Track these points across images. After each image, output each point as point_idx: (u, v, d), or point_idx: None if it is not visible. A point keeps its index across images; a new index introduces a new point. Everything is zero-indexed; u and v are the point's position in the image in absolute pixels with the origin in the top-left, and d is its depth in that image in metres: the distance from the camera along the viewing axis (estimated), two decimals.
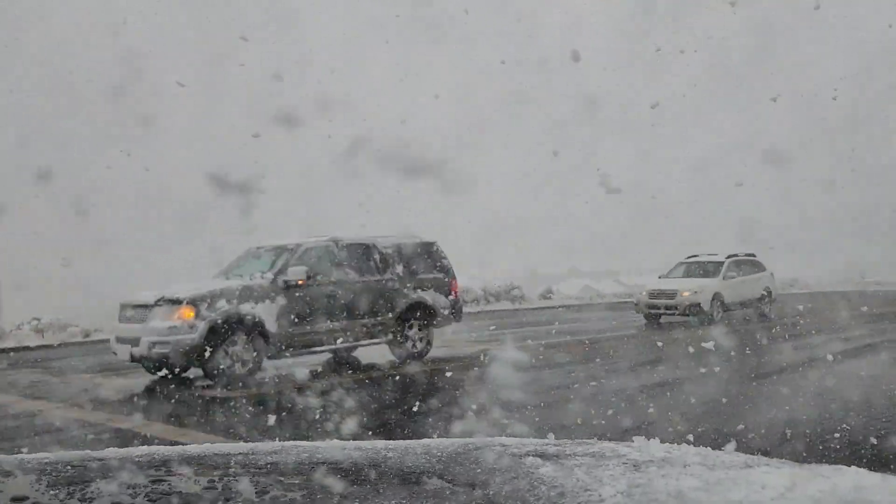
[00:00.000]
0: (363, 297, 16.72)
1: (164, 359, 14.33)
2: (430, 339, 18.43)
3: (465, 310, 25.52)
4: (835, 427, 10.21)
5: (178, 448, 2.34)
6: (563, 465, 1.94)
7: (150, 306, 14.62)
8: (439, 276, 18.69)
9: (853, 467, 1.88)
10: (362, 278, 17.07)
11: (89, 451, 2.26)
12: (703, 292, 27.71)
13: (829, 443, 9.34)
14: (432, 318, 18.38)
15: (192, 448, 2.35)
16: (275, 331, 15.19)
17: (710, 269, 29.35)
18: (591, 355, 18.62)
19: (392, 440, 2.36)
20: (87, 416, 11.94)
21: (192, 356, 14.55)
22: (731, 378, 14.79)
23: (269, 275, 15.52)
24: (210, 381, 15.15)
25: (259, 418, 11.19)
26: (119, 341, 15.71)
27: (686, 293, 27.70)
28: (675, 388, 13.99)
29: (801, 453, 8.60)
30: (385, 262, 17.53)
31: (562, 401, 12.54)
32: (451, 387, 14.84)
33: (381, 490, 1.82)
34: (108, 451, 2.24)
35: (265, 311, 15.08)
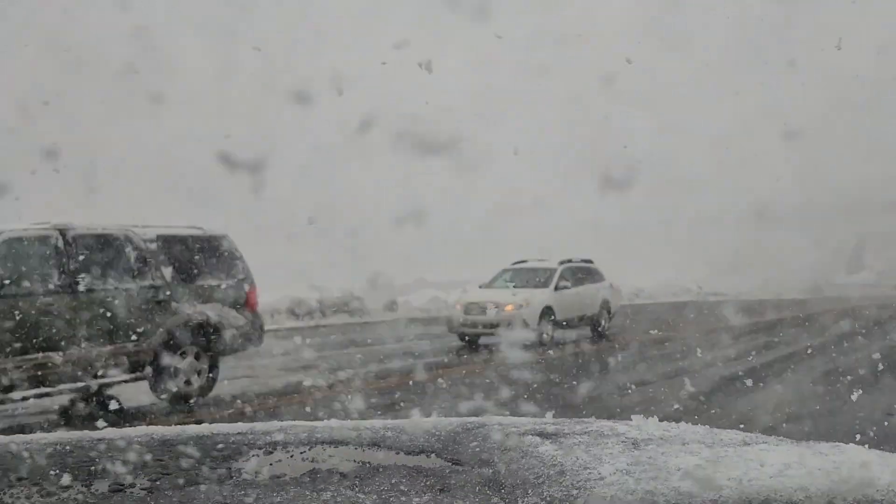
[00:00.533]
0: (104, 312, 11.76)
1: None
2: (213, 371, 13.29)
3: (296, 324, 20.77)
4: None
5: (176, 428, 2.34)
6: (563, 444, 1.94)
7: None
8: (230, 282, 13.51)
9: (851, 444, 1.88)
10: (105, 286, 11.84)
11: (88, 432, 2.26)
12: (530, 306, 21.88)
13: None
14: (217, 343, 13.25)
15: (191, 428, 2.35)
16: None
17: (540, 277, 23.60)
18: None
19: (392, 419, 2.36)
20: None
21: None
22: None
23: None
24: None
25: None
26: None
27: (509, 307, 21.66)
28: None
29: None
30: (144, 263, 12.36)
31: None
32: None
33: (382, 469, 1.82)
34: (108, 432, 2.24)
35: None
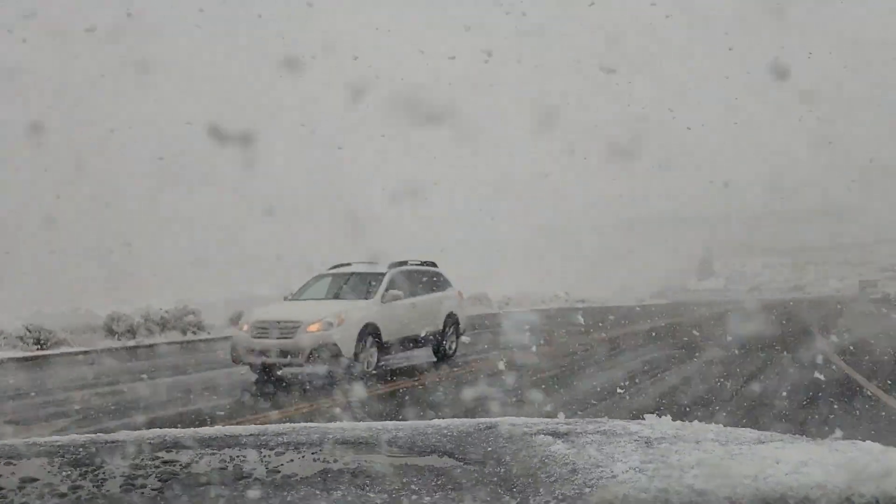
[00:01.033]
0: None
1: None
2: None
3: (112, 344, 17.85)
4: None
5: (189, 430, 2.34)
6: (575, 443, 1.94)
7: None
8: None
9: (868, 441, 1.87)
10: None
11: (101, 434, 2.27)
12: (344, 324, 15.91)
13: None
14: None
15: (203, 430, 2.35)
16: None
17: (363, 284, 17.89)
18: None
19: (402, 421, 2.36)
20: None
21: None
22: None
23: None
24: None
25: None
26: None
27: (314, 326, 15.73)
28: None
29: None
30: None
31: None
32: None
33: (393, 469, 1.82)
34: (120, 434, 2.25)
35: None
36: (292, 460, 1.93)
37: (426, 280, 19.43)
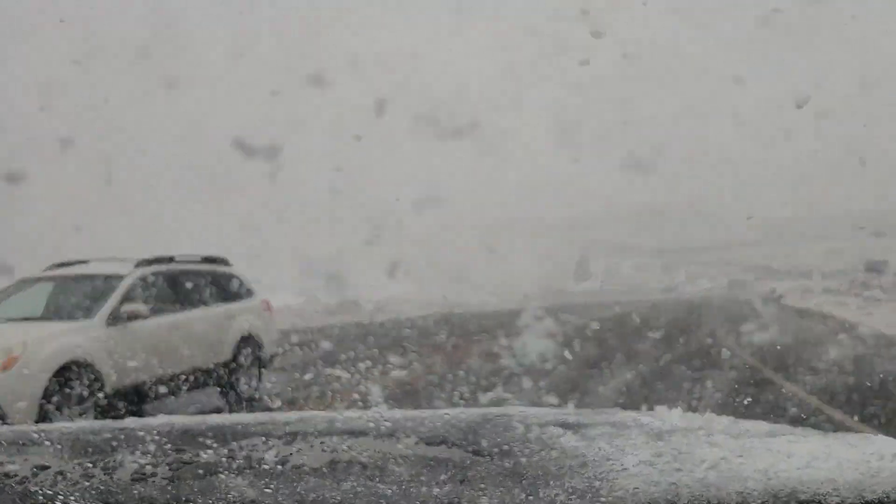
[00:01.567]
0: None
1: None
2: None
3: None
4: None
5: (197, 418, 2.35)
6: (585, 435, 1.93)
7: None
8: None
9: (880, 435, 1.86)
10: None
11: (110, 421, 2.27)
12: (16, 366, 9.18)
13: None
14: None
15: (212, 418, 2.36)
16: None
17: (91, 295, 11.02)
18: None
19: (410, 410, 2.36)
20: None
21: None
22: None
23: None
24: None
25: None
26: None
27: None
28: None
29: None
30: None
31: None
32: None
33: (401, 459, 1.82)
34: (129, 421, 2.26)
35: None
36: (300, 449, 1.93)
37: (207, 287, 12.83)
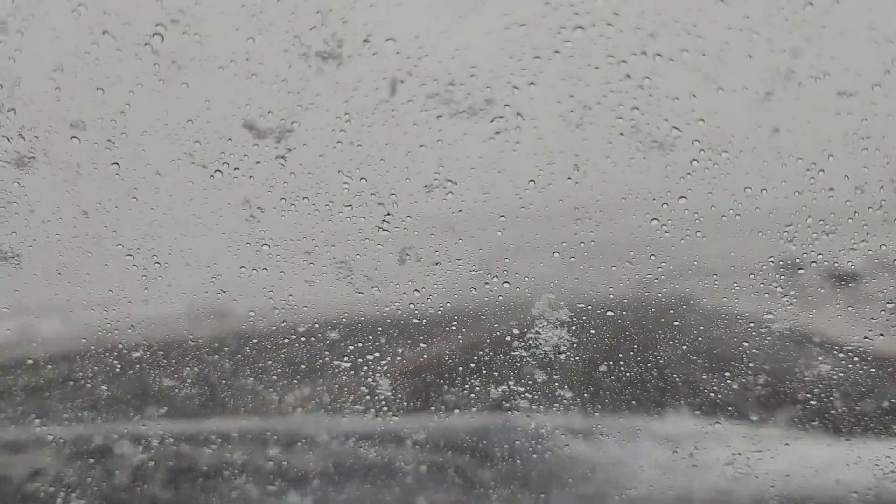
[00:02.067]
0: None
1: None
2: None
3: None
4: None
5: (196, 422, 2.31)
6: (594, 440, 1.91)
7: None
8: None
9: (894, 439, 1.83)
10: None
11: (106, 425, 2.23)
12: None
13: None
14: None
15: (213, 419, 2.32)
16: None
17: None
18: None
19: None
20: None
21: None
22: None
23: None
24: None
25: None
26: None
27: None
28: None
29: None
30: None
31: None
32: None
33: (411, 464, 1.80)
34: (128, 425, 2.22)
35: None
36: (304, 453, 1.91)
37: None
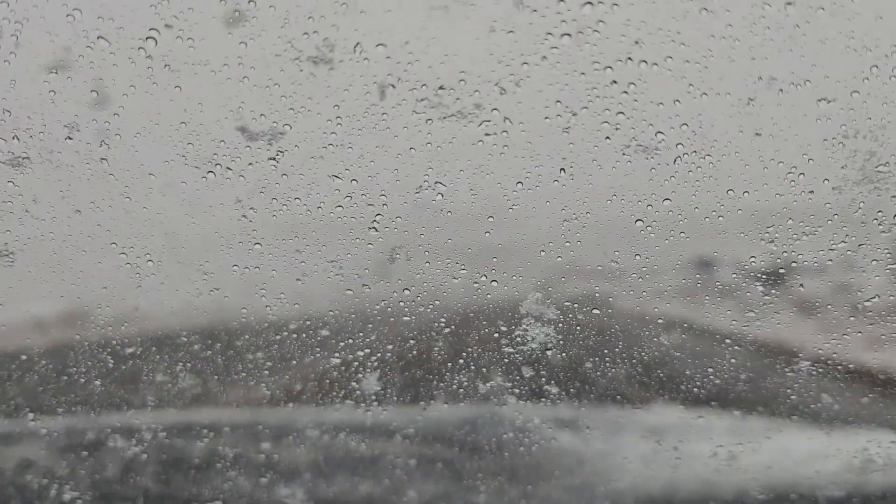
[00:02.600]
0: None
1: None
2: None
3: None
4: None
5: (184, 413, 2.31)
6: (581, 432, 1.92)
7: None
8: None
9: (878, 431, 1.85)
10: None
11: (96, 417, 2.23)
12: None
13: None
14: None
15: (204, 411, 2.33)
16: None
17: None
18: None
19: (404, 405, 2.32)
20: None
21: None
22: None
23: None
24: None
25: None
26: None
27: None
28: None
29: None
30: None
31: None
32: None
33: (398, 456, 1.81)
34: (116, 417, 2.22)
35: None
36: (293, 443, 1.92)
37: None
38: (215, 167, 1.86)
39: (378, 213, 1.94)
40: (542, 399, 2.49)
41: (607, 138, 1.75)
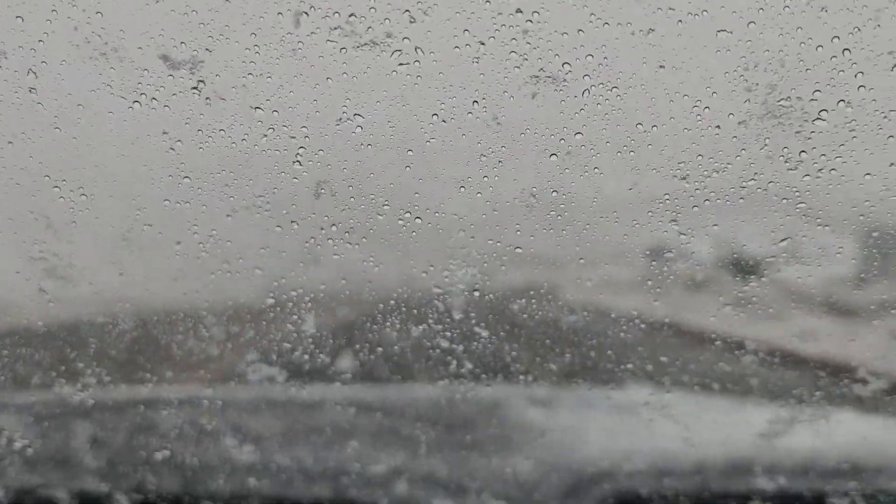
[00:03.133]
0: None
1: None
2: None
3: None
4: None
5: (164, 388, 2.33)
6: (550, 408, 1.97)
7: None
8: None
9: (837, 409, 1.90)
10: None
11: (70, 389, 2.25)
12: None
13: None
14: None
15: (173, 388, 2.34)
16: None
17: None
18: None
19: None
20: None
21: None
22: None
23: None
24: None
25: None
26: None
27: None
28: None
29: None
30: None
31: None
32: None
33: (366, 432, 1.85)
34: (93, 392, 2.23)
35: None
36: (260, 418, 1.96)
37: None
38: (140, 97, 1.92)
39: (301, 146, 1.99)
40: (474, 342, 2.53)
41: (516, 68, 1.80)
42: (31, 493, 1.67)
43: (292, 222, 2.19)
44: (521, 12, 1.73)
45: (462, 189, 2.04)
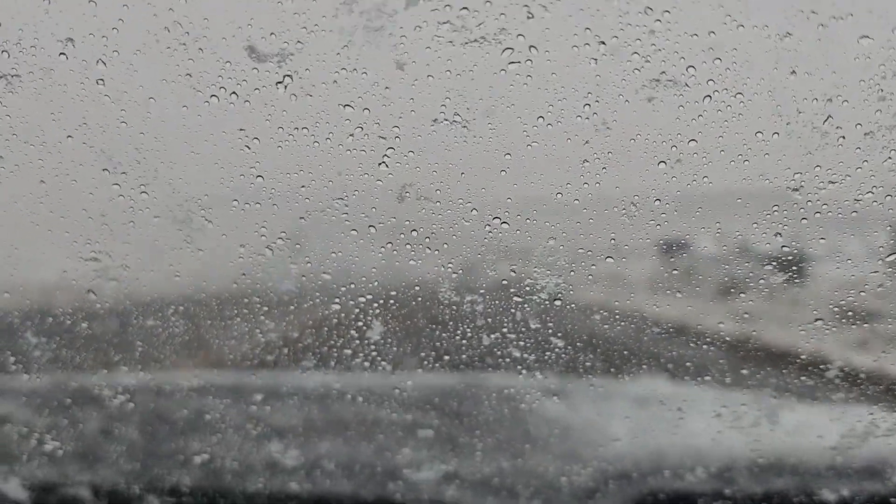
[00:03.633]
0: None
1: None
2: None
3: None
4: None
5: (167, 374, 2.27)
6: (568, 402, 1.92)
7: None
8: None
9: (863, 405, 1.86)
10: None
11: (74, 374, 2.16)
12: None
13: None
14: None
15: (183, 375, 2.28)
16: None
17: None
18: None
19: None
20: None
21: None
22: None
23: None
24: None
25: None
26: None
27: None
28: None
29: None
30: None
31: None
32: None
33: (387, 425, 1.79)
34: (97, 377, 2.16)
35: None
36: (273, 409, 1.90)
37: None
38: (219, 91, 1.77)
39: (389, 147, 1.85)
40: (547, 352, 2.44)
41: (636, 70, 1.67)
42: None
43: (370, 226, 2.05)
44: (650, 11, 1.61)
45: (559, 195, 1.92)
